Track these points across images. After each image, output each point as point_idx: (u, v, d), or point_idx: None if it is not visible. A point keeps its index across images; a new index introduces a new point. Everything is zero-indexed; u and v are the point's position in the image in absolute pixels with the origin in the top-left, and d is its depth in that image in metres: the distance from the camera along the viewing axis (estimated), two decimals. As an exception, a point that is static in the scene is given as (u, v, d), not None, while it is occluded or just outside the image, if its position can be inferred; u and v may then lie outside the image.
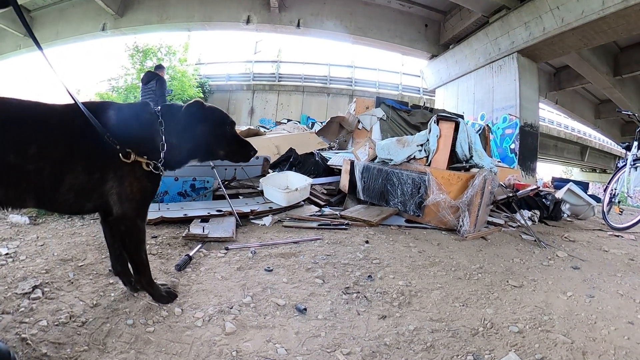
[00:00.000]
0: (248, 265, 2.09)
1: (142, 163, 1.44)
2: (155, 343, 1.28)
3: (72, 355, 1.17)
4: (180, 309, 1.52)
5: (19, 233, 2.35)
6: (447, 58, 14.62)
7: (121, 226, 1.45)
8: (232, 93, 19.47)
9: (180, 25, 15.02)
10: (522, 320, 1.65)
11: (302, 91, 19.31)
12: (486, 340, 1.46)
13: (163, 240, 2.43)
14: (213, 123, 1.64)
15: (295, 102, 19.10)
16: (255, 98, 19.28)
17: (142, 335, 1.32)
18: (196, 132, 1.59)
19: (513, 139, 11.06)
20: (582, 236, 3.77)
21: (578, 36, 9.94)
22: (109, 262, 1.93)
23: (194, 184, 3.56)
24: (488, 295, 1.92)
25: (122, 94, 15.55)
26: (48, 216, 2.80)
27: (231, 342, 1.32)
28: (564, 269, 2.50)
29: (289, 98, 19.21)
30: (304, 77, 19.89)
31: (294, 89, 19.40)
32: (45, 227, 2.56)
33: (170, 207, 3.14)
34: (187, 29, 15.61)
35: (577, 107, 19.80)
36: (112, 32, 14.98)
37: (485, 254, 2.70)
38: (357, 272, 2.11)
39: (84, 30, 15.11)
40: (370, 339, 1.41)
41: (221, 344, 1.30)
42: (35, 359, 1.13)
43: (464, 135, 3.55)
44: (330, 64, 20.52)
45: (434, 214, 3.30)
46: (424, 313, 1.66)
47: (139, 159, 1.42)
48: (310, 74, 20.23)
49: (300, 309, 1.57)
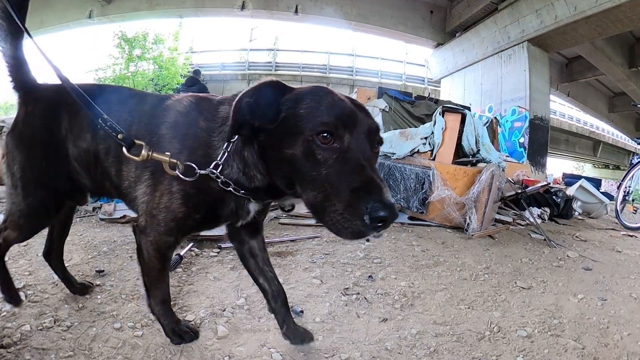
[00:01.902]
0: (242, 265, 2.07)
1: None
2: (144, 348, 1.27)
3: (56, 361, 1.15)
4: (170, 312, 1.51)
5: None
6: (453, 47, 14.56)
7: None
8: (227, 83, 19.35)
9: (171, 12, 14.90)
10: (531, 324, 1.64)
11: (301, 81, 19.20)
12: (493, 345, 1.46)
13: (152, 238, 2.41)
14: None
15: (293, 92, 19.01)
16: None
17: (130, 340, 1.31)
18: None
19: (522, 133, 11.04)
20: (594, 235, 3.78)
21: (592, 25, 9.89)
22: (95, 263, 1.94)
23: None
24: (495, 297, 1.92)
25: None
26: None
27: (223, 346, 1.31)
28: (575, 270, 2.50)
29: (286, 89, 19.10)
30: (302, 66, 19.79)
31: (292, 79, 19.27)
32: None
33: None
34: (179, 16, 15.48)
35: (589, 100, 19.76)
36: (99, 20, 14.86)
37: (492, 254, 2.70)
38: (357, 272, 2.11)
39: (70, 17, 14.98)
40: (370, 343, 1.41)
41: (213, 348, 1.29)
42: (18, 365, 1.10)
43: (471, 127, 3.54)
44: (329, 52, 20.42)
45: (439, 211, 3.31)
46: (428, 316, 1.66)
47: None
48: (309, 62, 20.12)
49: (296, 311, 1.57)
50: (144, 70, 15.72)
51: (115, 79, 15.16)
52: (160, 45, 14.97)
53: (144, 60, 14.79)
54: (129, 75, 15.07)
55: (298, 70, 19.70)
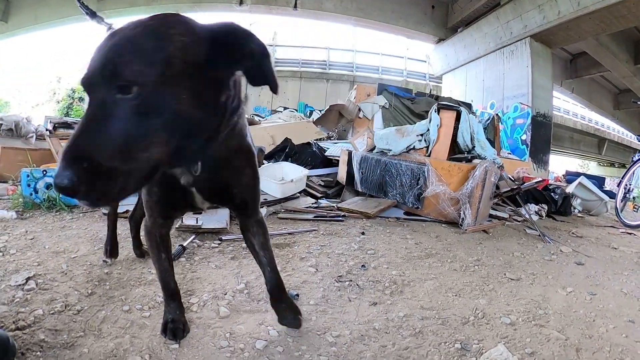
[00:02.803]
0: (242, 255, 2.21)
1: None
2: (151, 327, 1.39)
3: (68, 340, 1.26)
4: (175, 296, 1.65)
5: (6, 228, 2.43)
6: (455, 42, 14.63)
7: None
8: (224, 79, 19.37)
9: (168, 7, 14.87)
10: (516, 312, 1.70)
11: (300, 77, 19.27)
12: (476, 329, 1.54)
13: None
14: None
15: (292, 88, 19.06)
16: (249, 85, 19.24)
17: (138, 321, 1.43)
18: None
19: (524, 130, 11.12)
20: (592, 232, 3.81)
21: (596, 21, 9.95)
22: (101, 254, 2.03)
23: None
24: (483, 286, 1.99)
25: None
26: (35, 210, 2.92)
27: (225, 324, 1.45)
28: (567, 264, 2.55)
29: (285, 84, 19.16)
30: (302, 62, 19.80)
31: (291, 75, 19.33)
32: (34, 221, 2.67)
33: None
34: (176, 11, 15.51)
35: (594, 97, 19.77)
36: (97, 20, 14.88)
37: (485, 247, 2.78)
38: (351, 261, 2.23)
39: (65, 13, 14.97)
40: (360, 323, 1.53)
41: (215, 326, 1.43)
42: (34, 344, 1.22)
43: (466, 125, 3.66)
44: (329, 47, 20.43)
45: (434, 206, 3.41)
46: (415, 301, 1.76)
47: None
48: (309, 58, 20.11)
49: (292, 294, 1.70)
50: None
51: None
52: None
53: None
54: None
55: (297, 66, 19.72)
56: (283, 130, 5.84)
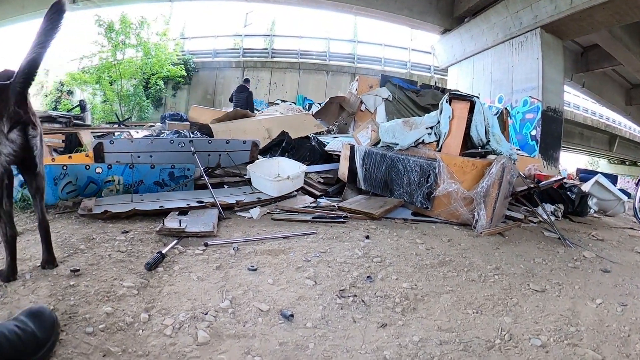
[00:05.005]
0: (229, 263, 2.03)
1: None
2: (116, 355, 1.22)
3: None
4: (147, 315, 1.45)
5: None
6: (461, 33, 14.49)
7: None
8: (220, 71, 19.32)
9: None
10: (546, 331, 1.59)
11: (298, 68, 19.18)
12: (504, 355, 1.40)
13: (134, 235, 2.37)
14: None
15: (291, 80, 18.99)
16: (246, 76, 19.20)
17: (102, 346, 1.26)
18: None
19: (534, 125, 11.01)
20: (612, 235, 3.75)
21: (609, 11, 9.82)
22: (71, 262, 1.90)
23: (172, 172, 3.52)
24: (506, 300, 1.87)
25: (94, 75, 15.40)
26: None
27: (203, 353, 1.25)
28: (592, 271, 2.47)
29: (283, 76, 19.08)
30: (301, 53, 19.75)
31: (289, 66, 19.24)
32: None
33: (145, 198, 3.13)
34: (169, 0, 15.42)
35: (606, 92, 19.74)
36: (84, 5, 14.71)
37: (503, 253, 2.66)
38: (355, 272, 2.06)
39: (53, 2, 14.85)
40: (367, 351, 1.35)
41: (191, 356, 1.23)
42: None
43: (480, 117, 3.48)
44: (329, 37, 20.37)
45: (445, 206, 3.27)
46: (431, 321, 1.61)
47: None
48: (308, 49, 20.11)
49: (286, 315, 1.50)
50: (131, 58, 15.63)
51: (100, 68, 15.07)
52: (147, 29, 14.89)
53: (129, 47, 14.72)
54: (115, 64, 14.99)
55: (296, 57, 19.67)
56: (280, 123, 5.71)
